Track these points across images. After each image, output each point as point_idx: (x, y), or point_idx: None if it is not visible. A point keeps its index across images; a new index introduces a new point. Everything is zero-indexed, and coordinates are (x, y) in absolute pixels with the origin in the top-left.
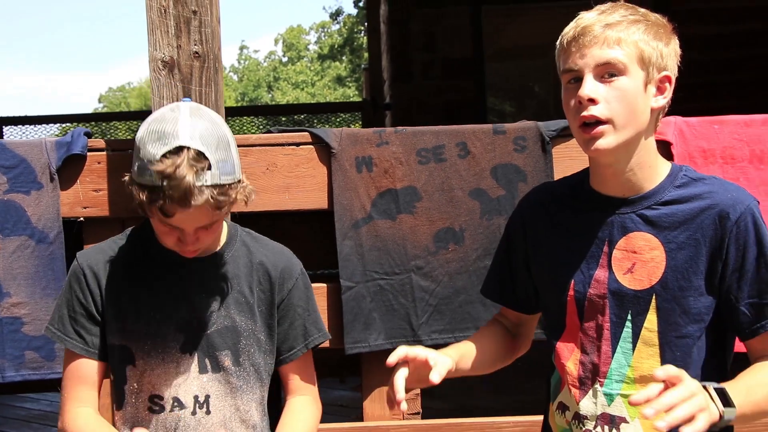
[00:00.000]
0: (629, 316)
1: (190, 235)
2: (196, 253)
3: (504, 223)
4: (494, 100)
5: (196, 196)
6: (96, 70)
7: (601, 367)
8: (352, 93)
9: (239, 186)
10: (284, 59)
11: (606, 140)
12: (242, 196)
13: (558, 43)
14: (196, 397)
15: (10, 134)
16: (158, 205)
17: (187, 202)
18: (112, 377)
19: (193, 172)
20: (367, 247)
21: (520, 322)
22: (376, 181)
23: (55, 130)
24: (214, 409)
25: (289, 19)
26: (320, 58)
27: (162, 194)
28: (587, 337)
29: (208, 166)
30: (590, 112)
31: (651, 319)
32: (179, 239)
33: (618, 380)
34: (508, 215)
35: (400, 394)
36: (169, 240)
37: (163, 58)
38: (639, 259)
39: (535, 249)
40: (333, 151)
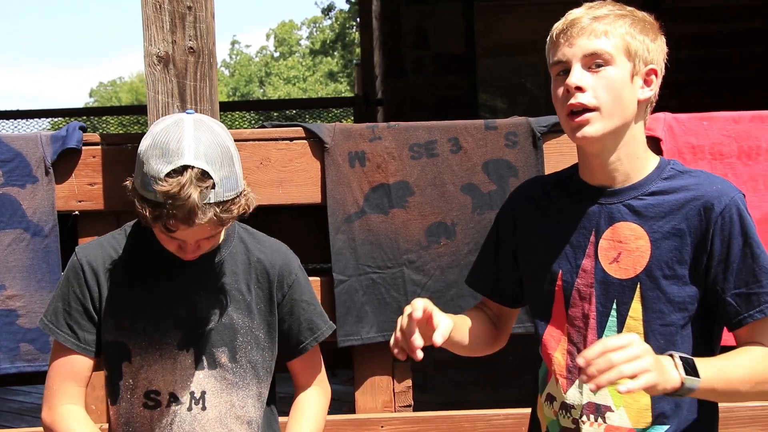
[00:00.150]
0: (614, 305)
1: (191, 245)
2: (195, 257)
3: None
4: (486, 96)
5: (200, 215)
6: (86, 64)
7: None
8: (344, 88)
9: (242, 198)
10: (276, 54)
11: (592, 127)
12: (243, 208)
13: (548, 39)
14: (192, 393)
15: (1, 129)
16: (161, 222)
17: (191, 221)
18: (107, 372)
19: (198, 192)
20: (359, 241)
21: (500, 315)
22: (368, 176)
23: (47, 125)
24: (210, 405)
25: (281, 14)
26: (312, 53)
27: (166, 212)
28: (574, 327)
29: (212, 185)
30: (577, 100)
31: (636, 308)
32: (180, 247)
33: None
34: None
35: (419, 341)
36: (170, 246)
37: (158, 53)
38: (625, 249)
39: (524, 240)
40: (326, 146)
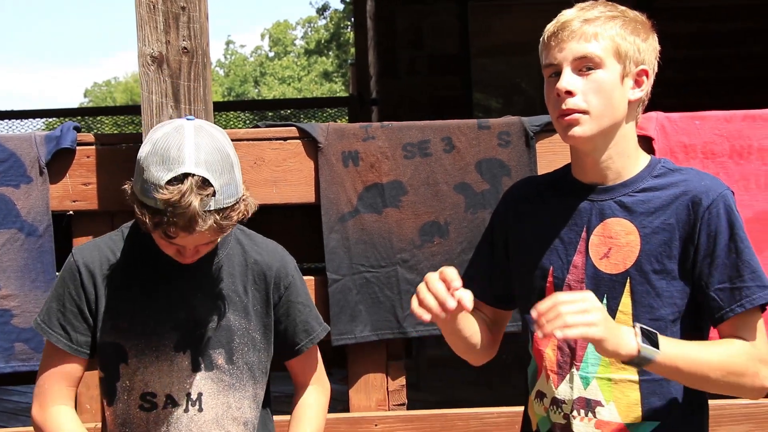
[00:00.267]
0: (605, 300)
1: (190, 250)
2: (194, 261)
3: (488, 217)
4: (480, 96)
5: (201, 223)
6: (81, 64)
7: (578, 351)
8: (338, 88)
9: (241, 203)
10: (271, 54)
11: (582, 128)
12: (243, 213)
13: (540, 40)
14: (188, 395)
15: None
16: (162, 229)
17: (191, 229)
18: (103, 374)
19: (199, 200)
20: (353, 240)
21: (494, 319)
22: (362, 176)
23: (41, 125)
24: (207, 406)
25: (276, 14)
26: (307, 53)
27: (166, 220)
28: None
29: (213, 193)
30: (567, 105)
31: (625, 302)
32: (179, 251)
33: (594, 363)
34: (493, 209)
35: (452, 302)
36: (169, 250)
37: (152, 54)
38: (615, 244)
39: (517, 239)
40: (320, 146)
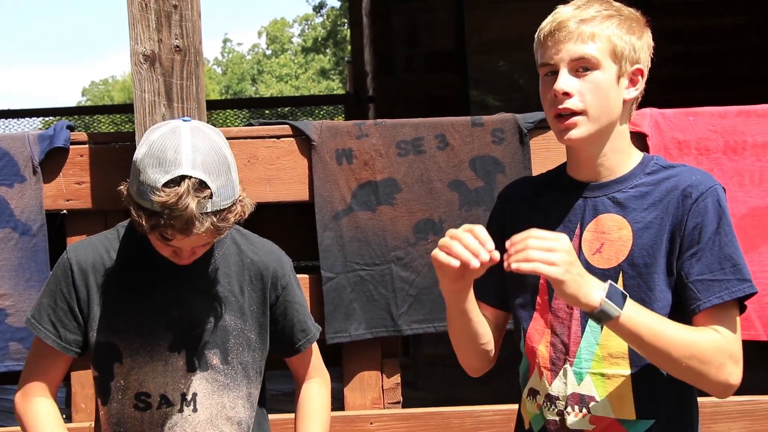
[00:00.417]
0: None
1: (186, 252)
2: (190, 262)
3: (482, 214)
4: (478, 93)
5: (198, 225)
6: (79, 63)
7: (571, 347)
8: (336, 86)
9: (238, 205)
10: (268, 52)
11: (579, 130)
12: (240, 215)
13: (536, 37)
14: (183, 395)
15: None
16: (158, 231)
17: (188, 231)
18: (97, 373)
19: (196, 203)
20: (347, 238)
21: (495, 323)
22: (356, 173)
23: (38, 124)
24: (201, 406)
25: (273, 12)
26: (304, 51)
27: (163, 222)
28: (557, 319)
29: (210, 195)
30: (565, 105)
31: None
32: (175, 252)
33: (587, 359)
34: (487, 206)
35: (485, 254)
36: (165, 252)
37: (145, 52)
38: (607, 239)
39: (513, 236)
40: (313, 144)
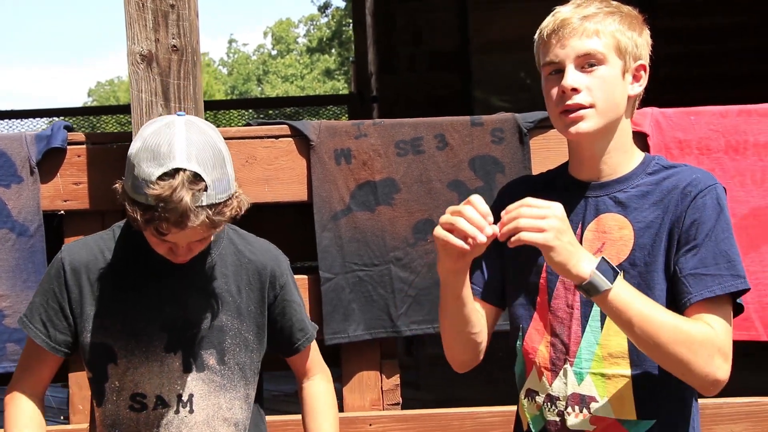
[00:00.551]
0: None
1: (182, 248)
2: (186, 260)
3: None
4: (482, 93)
5: (193, 218)
6: (79, 63)
7: (571, 347)
8: (341, 86)
9: (234, 200)
10: (273, 52)
11: (587, 123)
12: (236, 210)
13: (537, 37)
14: (179, 396)
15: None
16: (153, 225)
17: (183, 224)
18: (91, 374)
19: (190, 195)
20: (346, 238)
21: (486, 319)
22: (354, 173)
23: (43, 125)
24: (198, 407)
25: (278, 12)
26: (309, 51)
27: (158, 215)
28: (557, 319)
29: (205, 188)
30: (574, 101)
31: None
32: (171, 250)
33: (587, 359)
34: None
35: (490, 229)
36: (161, 249)
37: (142, 52)
38: (608, 239)
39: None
40: (312, 144)
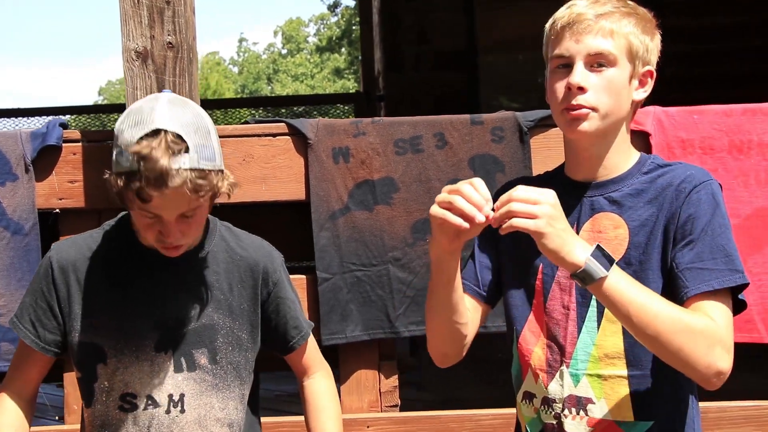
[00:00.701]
0: (594, 295)
1: (171, 225)
2: (178, 251)
3: None
4: (487, 92)
5: (173, 177)
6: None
7: (567, 348)
8: (351, 85)
9: (221, 175)
10: (284, 51)
11: (589, 124)
12: (225, 188)
13: (549, 27)
14: (170, 396)
15: (4, 127)
16: (135, 189)
17: (163, 182)
18: (80, 374)
19: (170, 154)
20: (344, 238)
21: (473, 313)
22: (353, 172)
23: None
24: (189, 407)
25: (289, 11)
26: (319, 50)
27: (139, 177)
28: (553, 320)
29: (186, 149)
30: (578, 101)
31: None
32: (161, 234)
33: (583, 360)
34: None
35: (488, 208)
36: (151, 234)
37: (137, 49)
38: (603, 238)
39: (508, 237)
40: (309, 142)
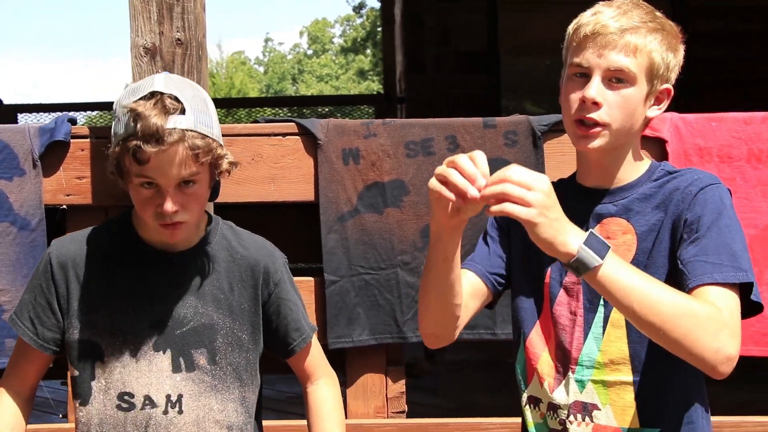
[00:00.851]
0: (601, 301)
1: (170, 194)
2: (178, 231)
3: (492, 219)
4: (510, 96)
5: (170, 133)
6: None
7: (573, 354)
8: (375, 86)
9: (219, 146)
10: (309, 52)
11: (599, 141)
12: (225, 165)
13: (572, 31)
14: (168, 396)
15: (24, 122)
16: (131, 149)
17: (160, 138)
18: (77, 372)
19: (165, 112)
20: (352, 241)
21: (473, 293)
22: (362, 174)
23: (82, 119)
24: (187, 408)
25: (314, 12)
26: (344, 51)
27: (135, 135)
28: (559, 326)
29: (182, 110)
30: (591, 115)
31: None
32: (159, 207)
33: (589, 366)
34: None
35: (482, 180)
36: (149, 209)
37: (145, 45)
38: (612, 244)
39: (518, 241)
40: (319, 143)
